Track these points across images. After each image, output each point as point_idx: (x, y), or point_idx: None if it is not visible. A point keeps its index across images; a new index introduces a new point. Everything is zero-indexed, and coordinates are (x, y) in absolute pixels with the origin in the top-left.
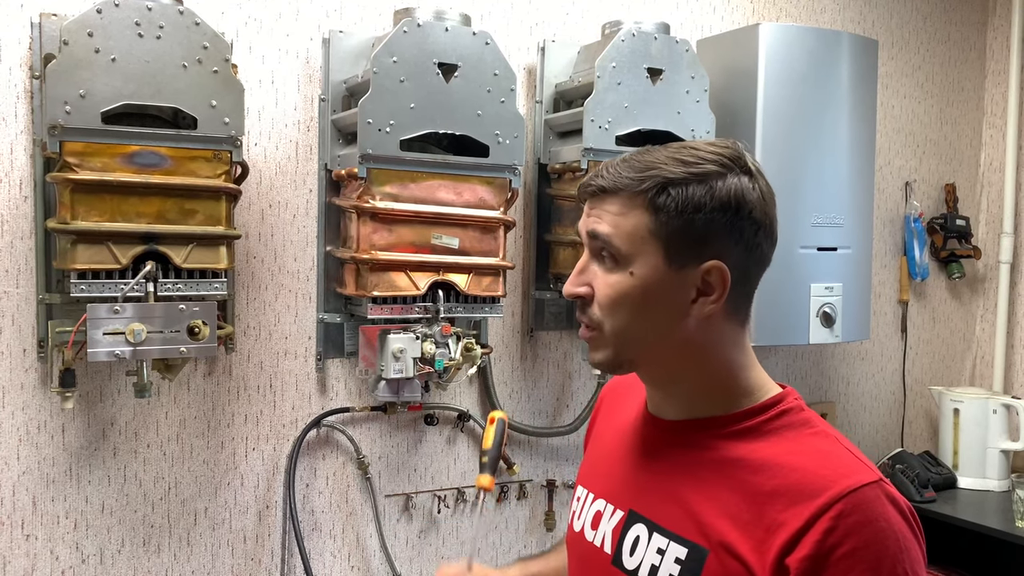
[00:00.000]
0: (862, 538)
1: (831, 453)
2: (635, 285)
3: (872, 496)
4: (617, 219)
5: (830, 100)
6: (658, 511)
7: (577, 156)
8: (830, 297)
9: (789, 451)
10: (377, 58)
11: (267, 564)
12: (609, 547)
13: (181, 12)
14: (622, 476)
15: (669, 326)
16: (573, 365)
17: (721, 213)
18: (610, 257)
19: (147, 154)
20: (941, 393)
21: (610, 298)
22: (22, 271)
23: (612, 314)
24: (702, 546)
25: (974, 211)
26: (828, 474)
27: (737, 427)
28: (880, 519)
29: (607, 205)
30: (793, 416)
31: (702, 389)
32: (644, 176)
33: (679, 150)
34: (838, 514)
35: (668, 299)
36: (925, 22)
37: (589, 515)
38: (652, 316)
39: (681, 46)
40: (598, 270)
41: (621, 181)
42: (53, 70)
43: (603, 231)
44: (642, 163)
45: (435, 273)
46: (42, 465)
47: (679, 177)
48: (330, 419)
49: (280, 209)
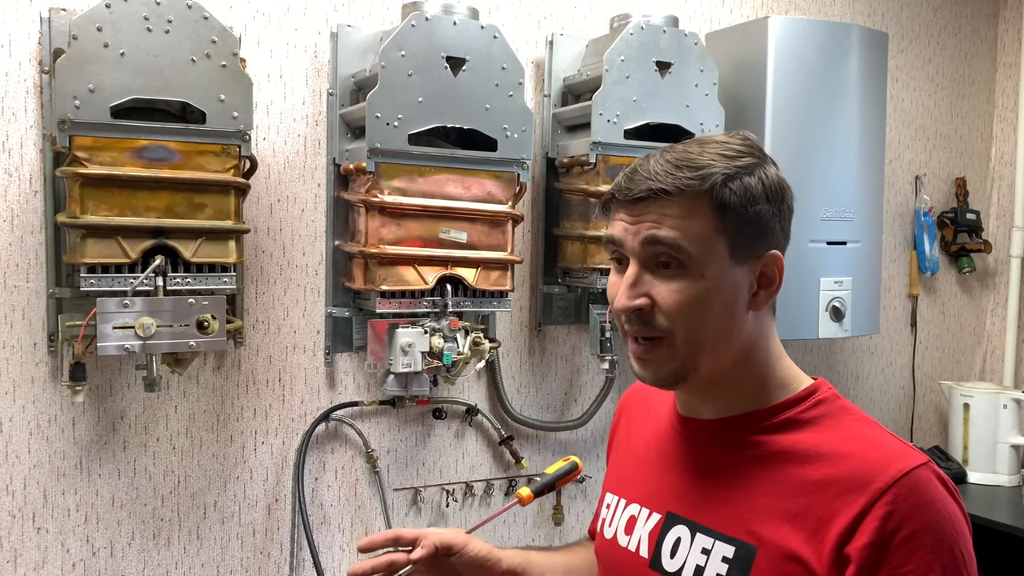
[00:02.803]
0: (920, 521)
1: (877, 438)
2: (709, 288)
3: (925, 478)
4: (681, 222)
5: (840, 94)
6: (700, 511)
7: (585, 150)
8: (839, 291)
9: (833, 439)
10: (385, 52)
11: (276, 557)
12: (646, 551)
13: (189, 6)
14: (657, 480)
15: (735, 325)
16: (581, 359)
17: (772, 203)
18: (675, 262)
19: (156, 148)
20: (951, 388)
21: (682, 305)
22: (32, 265)
23: (686, 321)
24: (750, 543)
25: (985, 205)
26: (878, 458)
27: (775, 420)
28: (936, 501)
29: (665, 209)
30: (831, 405)
31: (743, 385)
32: (703, 175)
33: (711, 145)
34: (894, 498)
35: (734, 297)
36: (935, 15)
37: (622, 521)
38: (722, 317)
39: (690, 39)
40: (654, 279)
41: (680, 182)
42: (62, 65)
43: (668, 236)
44: (689, 162)
45: (443, 267)
46: (53, 459)
47: (733, 171)
48: (339, 413)
49: (288, 203)
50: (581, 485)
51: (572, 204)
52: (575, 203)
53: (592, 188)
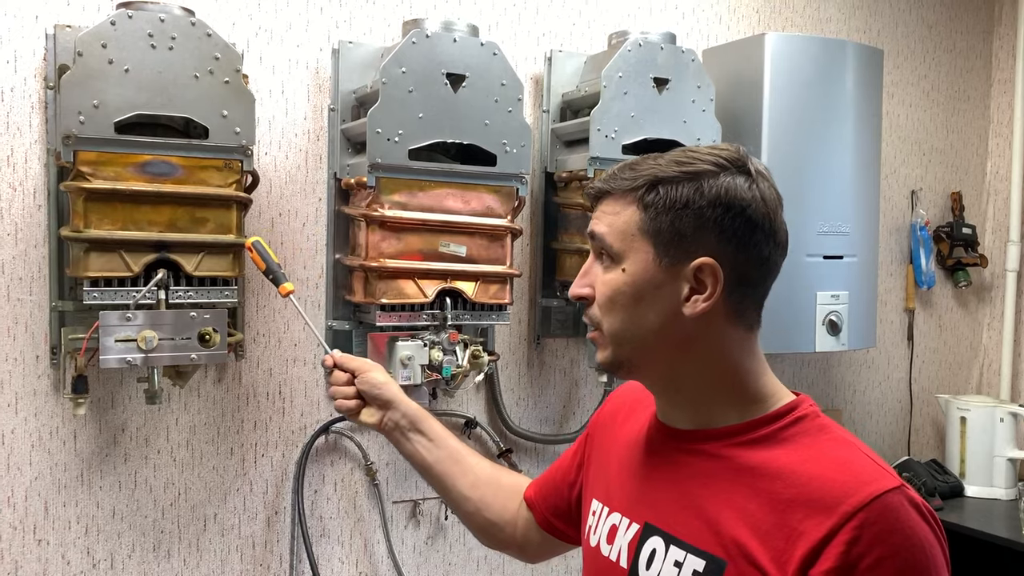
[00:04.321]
0: (888, 547)
1: (850, 460)
2: (626, 282)
3: (896, 503)
4: (612, 218)
5: (835, 109)
6: (674, 523)
7: (583, 165)
8: (836, 305)
9: (807, 459)
10: (386, 68)
11: (276, 570)
12: (625, 561)
13: (193, 23)
14: (636, 488)
15: (663, 324)
16: (580, 372)
17: (710, 210)
18: (607, 256)
19: (159, 163)
20: (948, 401)
21: (605, 296)
22: (36, 279)
23: (608, 312)
24: (720, 557)
25: (980, 219)
26: (848, 481)
27: (752, 435)
28: (905, 527)
29: (604, 206)
30: (809, 423)
31: (708, 395)
32: (637, 175)
33: (680, 153)
34: (861, 523)
35: (660, 296)
36: (931, 31)
37: (605, 529)
38: (645, 314)
39: (687, 56)
40: (599, 271)
41: (616, 182)
42: (67, 81)
43: (599, 230)
44: (640, 165)
45: (443, 281)
46: (54, 470)
47: (670, 176)
48: (338, 426)
49: (290, 217)
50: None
51: (570, 218)
52: (573, 217)
53: None
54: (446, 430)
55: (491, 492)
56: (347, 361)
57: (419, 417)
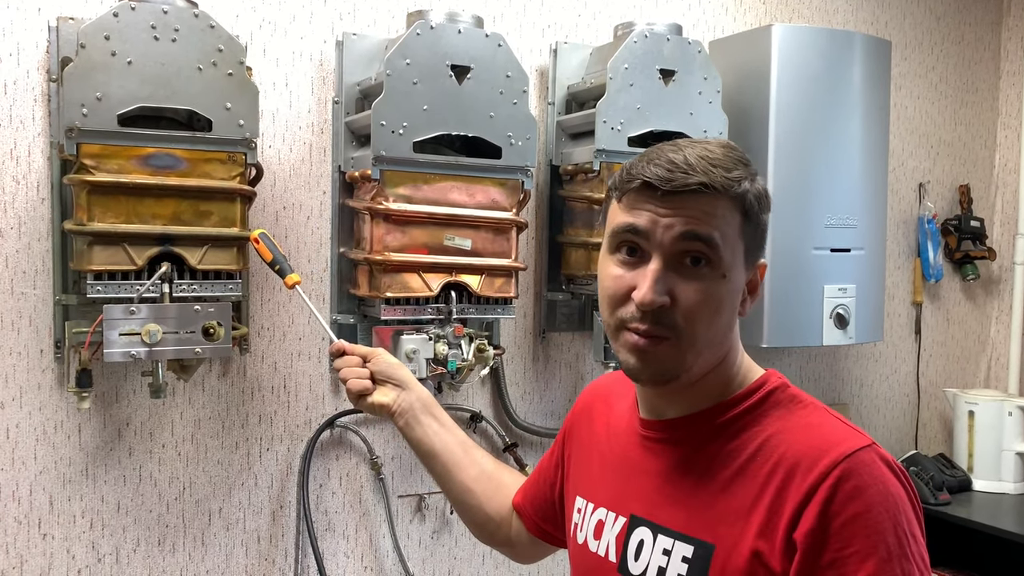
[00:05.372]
0: (861, 503)
1: (820, 424)
2: (729, 290)
3: (867, 460)
4: (720, 221)
5: (843, 101)
6: (660, 512)
7: (589, 157)
8: (843, 298)
9: (781, 430)
10: (390, 60)
11: (281, 564)
12: (614, 555)
13: (196, 15)
14: (621, 483)
15: (731, 328)
16: (585, 366)
17: (768, 212)
18: (705, 260)
19: (162, 156)
20: (956, 395)
21: (703, 305)
22: (39, 272)
23: (700, 321)
24: (707, 541)
25: (988, 212)
26: (819, 444)
27: (729, 415)
28: (878, 483)
29: (705, 206)
30: (780, 395)
31: (709, 385)
32: (735, 177)
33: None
34: (835, 481)
35: (738, 301)
36: (939, 22)
37: (591, 525)
38: (728, 320)
39: (693, 47)
40: (676, 276)
41: (725, 181)
42: (70, 73)
43: (708, 233)
44: (720, 163)
45: (448, 274)
46: (59, 465)
47: (750, 177)
48: (343, 420)
49: (294, 211)
50: None
51: (576, 211)
52: (579, 210)
53: (596, 195)
54: (453, 419)
55: (493, 487)
56: (356, 347)
57: (431, 401)
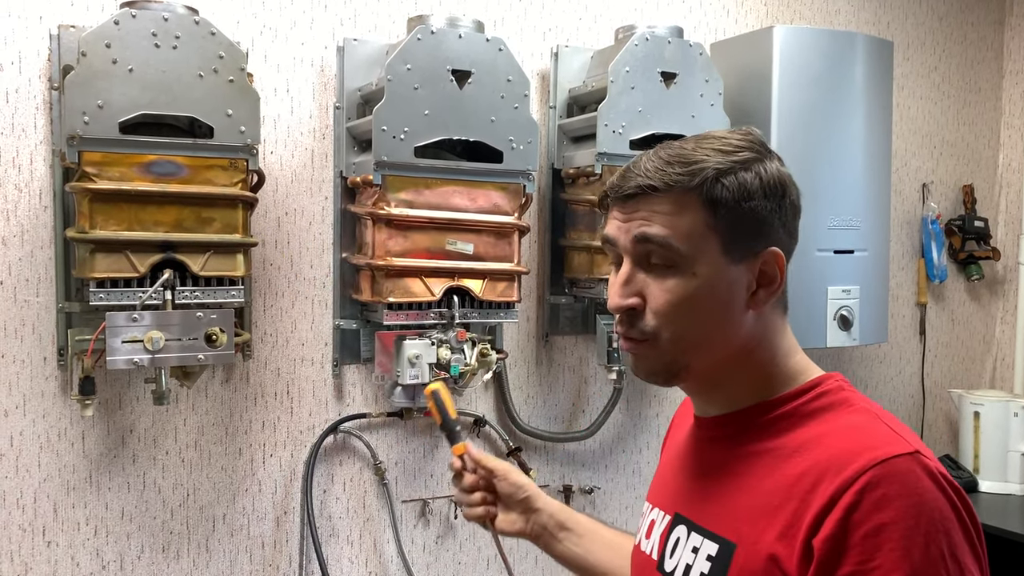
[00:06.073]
0: (891, 513)
1: (862, 426)
2: (699, 286)
3: (905, 468)
4: (671, 219)
5: (845, 102)
6: (698, 511)
7: (591, 161)
8: (847, 300)
9: (824, 432)
10: (391, 65)
11: (285, 570)
12: (656, 553)
13: (197, 22)
14: (672, 483)
15: (730, 324)
16: (589, 370)
17: (770, 199)
18: (665, 260)
19: (164, 163)
20: (961, 396)
21: (671, 304)
22: (42, 280)
23: (672, 321)
24: (731, 540)
25: (992, 212)
26: (854, 447)
27: (774, 413)
28: (915, 493)
29: (655, 206)
30: (832, 397)
31: (745, 382)
32: (694, 170)
33: (708, 140)
34: (863, 488)
35: (730, 296)
36: (941, 22)
37: (645, 525)
38: (715, 316)
39: (695, 50)
40: (647, 277)
41: (670, 178)
42: (72, 81)
43: (657, 233)
44: (682, 158)
45: (450, 279)
46: (63, 472)
47: (727, 167)
48: (347, 425)
49: (296, 216)
50: (590, 496)
51: (578, 215)
52: (581, 214)
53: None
54: (591, 519)
55: None
56: (482, 460)
57: (564, 513)
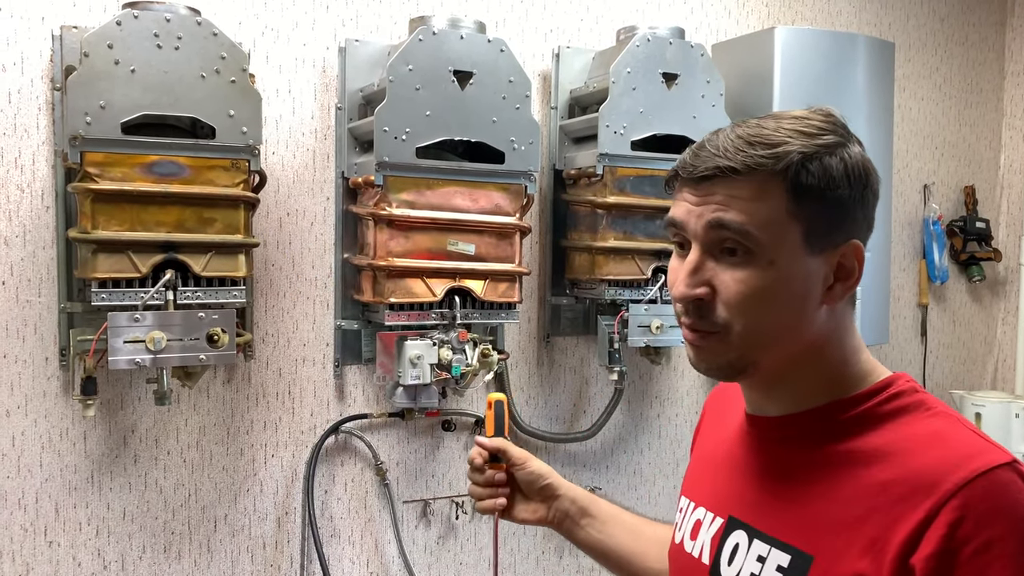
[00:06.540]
0: (999, 529)
1: (952, 434)
2: (777, 278)
3: (1006, 480)
4: (751, 205)
5: (847, 103)
6: (759, 516)
7: (592, 161)
8: None
9: (904, 437)
10: (393, 66)
11: (286, 570)
12: (707, 557)
13: (199, 23)
14: (723, 482)
15: (804, 319)
16: (590, 371)
17: (854, 187)
18: (742, 249)
19: (166, 164)
20: (963, 397)
21: (745, 296)
22: (44, 280)
23: (745, 313)
24: (806, 552)
25: (994, 213)
26: (949, 457)
27: (845, 416)
28: (1018, 506)
29: (734, 190)
30: (907, 398)
31: (813, 381)
32: (778, 153)
33: (788, 121)
34: (965, 502)
35: (806, 289)
36: (942, 24)
37: (689, 525)
38: (790, 311)
39: (696, 51)
40: (717, 266)
41: (752, 160)
42: (74, 82)
43: (735, 220)
44: (763, 139)
45: (451, 279)
46: (64, 472)
47: (812, 151)
48: (348, 425)
49: (298, 217)
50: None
51: (580, 215)
52: (583, 214)
53: (599, 199)
54: (612, 504)
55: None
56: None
57: (586, 499)
